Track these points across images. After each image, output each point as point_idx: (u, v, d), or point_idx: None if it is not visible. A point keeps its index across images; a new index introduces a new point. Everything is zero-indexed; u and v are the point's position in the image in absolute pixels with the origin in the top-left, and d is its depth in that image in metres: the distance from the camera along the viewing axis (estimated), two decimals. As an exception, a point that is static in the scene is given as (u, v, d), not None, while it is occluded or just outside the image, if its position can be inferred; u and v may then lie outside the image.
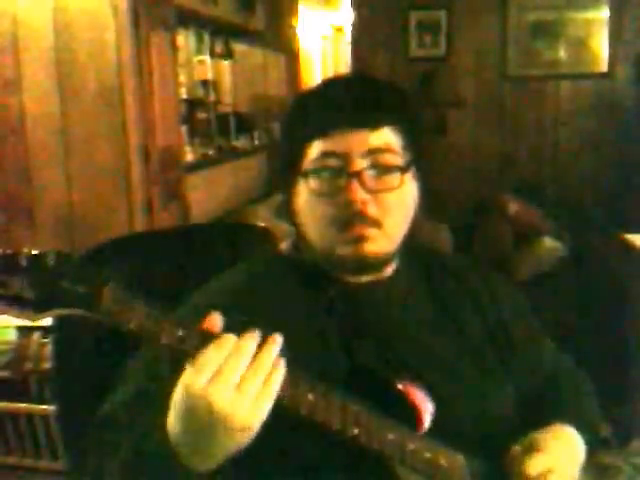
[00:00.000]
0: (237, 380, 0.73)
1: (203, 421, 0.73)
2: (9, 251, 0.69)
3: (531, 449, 0.92)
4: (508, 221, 4.36)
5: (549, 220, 4.33)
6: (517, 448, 0.93)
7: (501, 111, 4.96)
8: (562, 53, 4.82)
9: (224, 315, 0.78)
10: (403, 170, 0.95)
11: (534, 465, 0.90)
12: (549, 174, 4.94)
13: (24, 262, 0.69)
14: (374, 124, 0.94)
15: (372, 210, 0.93)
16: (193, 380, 0.73)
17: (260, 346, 0.76)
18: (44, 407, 2.36)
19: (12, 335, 2.49)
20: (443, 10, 4.89)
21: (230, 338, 0.75)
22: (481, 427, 0.96)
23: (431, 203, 1.03)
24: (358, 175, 0.92)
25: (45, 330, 2.39)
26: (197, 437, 0.74)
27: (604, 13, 4.72)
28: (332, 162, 0.93)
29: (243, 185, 4.19)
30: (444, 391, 0.92)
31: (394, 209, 0.95)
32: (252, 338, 0.76)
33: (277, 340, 0.77)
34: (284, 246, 1.08)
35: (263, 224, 2.36)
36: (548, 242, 4.15)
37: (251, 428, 0.73)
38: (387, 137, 0.95)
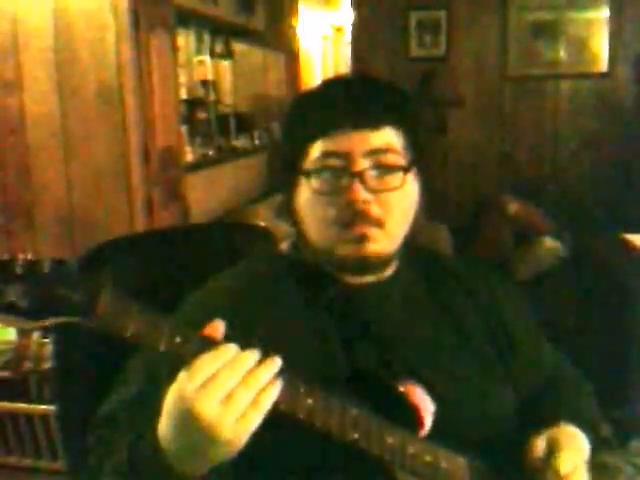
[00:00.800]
0: (227, 392, 0.72)
1: (189, 427, 0.72)
2: (4, 257, 0.68)
3: (555, 448, 0.92)
4: (508, 221, 4.37)
5: (549, 220, 4.33)
6: (538, 448, 0.93)
7: (501, 111, 4.95)
8: (562, 53, 4.82)
9: (223, 315, 0.78)
10: (405, 170, 0.95)
11: (564, 463, 0.90)
12: (549, 174, 4.94)
13: (19, 269, 0.68)
14: (375, 124, 0.94)
15: (374, 210, 0.93)
16: (184, 384, 0.72)
17: (258, 363, 0.75)
18: (44, 407, 2.36)
19: (12, 335, 2.50)
20: (443, 10, 4.89)
21: (230, 348, 0.74)
22: (482, 427, 0.96)
23: (431, 203, 1.03)
24: (360, 175, 0.92)
25: (45, 330, 2.39)
26: (184, 442, 0.74)
27: (604, 13, 4.72)
28: (334, 162, 0.93)
29: (243, 185, 4.19)
30: (445, 391, 0.92)
31: (396, 209, 0.95)
32: (252, 353, 0.75)
33: (276, 362, 0.76)
34: (284, 246, 1.08)
35: (263, 224, 2.36)
36: (548, 242, 4.15)
37: (234, 442, 0.73)
38: (388, 137, 0.95)
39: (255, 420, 0.73)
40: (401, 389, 0.89)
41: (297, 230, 1.01)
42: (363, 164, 0.92)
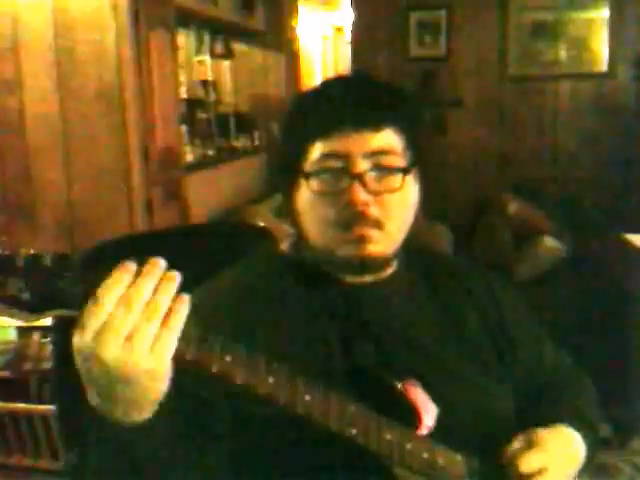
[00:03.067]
0: (128, 330, 0.69)
1: (101, 377, 0.70)
2: (6, 252, 0.68)
3: (528, 446, 0.92)
4: (508, 221, 4.37)
5: (549, 220, 4.33)
6: (515, 444, 0.93)
7: (501, 111, 4.95)
8: (562, 53, 4.81)
9: (224, 315, 0.78)
10: (405, 171, 0.95)
11: (528, 462, 0.90)
12: (549, 174, 4.93)
13: (21, 263, 0.68)
14: (376, 125, 0.93)
15: (374, 211, 0.93)
16: (79, 338, 0.70)
17: (155, 288, 0.71)
18: (44, 407, 2.36)
19: (12, 335, 2.50)
20: (443, 10, 4.89)
21: (117, 285, 0.70)
22: (481, 427, 0.96)
23: (431, 203, 1.03)
24: (360, 176, 0.92)
25: (45, 330, 2.39)
26: (106, 392, 0.72)
27: (604, 13, 4.72)
28: (334, 163, 0.93)
29: (243, 185, 4.19)
30: (444, 391, 0.92)
31: (396, 210, 0.95)
32: (144, 280, 0.71)
33: (173, 277, 0.72)
34: (284, 246, 1.08)
35: (263, 224, 2.36)
36: (548, 242, 4.15)
37: (157, 371, 0.70)
38: (389, 138, 0.95)
39: (171, 341, 0.70)
40: (400, 389, 0.89)
41: (297, 230, 1.01)
42: (363, 165, 0.92)
